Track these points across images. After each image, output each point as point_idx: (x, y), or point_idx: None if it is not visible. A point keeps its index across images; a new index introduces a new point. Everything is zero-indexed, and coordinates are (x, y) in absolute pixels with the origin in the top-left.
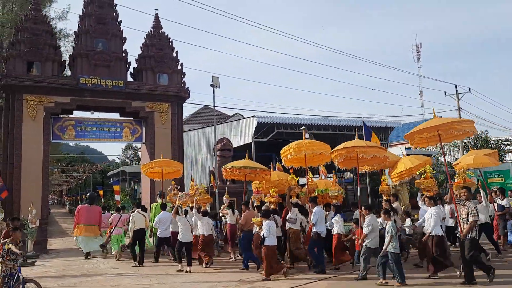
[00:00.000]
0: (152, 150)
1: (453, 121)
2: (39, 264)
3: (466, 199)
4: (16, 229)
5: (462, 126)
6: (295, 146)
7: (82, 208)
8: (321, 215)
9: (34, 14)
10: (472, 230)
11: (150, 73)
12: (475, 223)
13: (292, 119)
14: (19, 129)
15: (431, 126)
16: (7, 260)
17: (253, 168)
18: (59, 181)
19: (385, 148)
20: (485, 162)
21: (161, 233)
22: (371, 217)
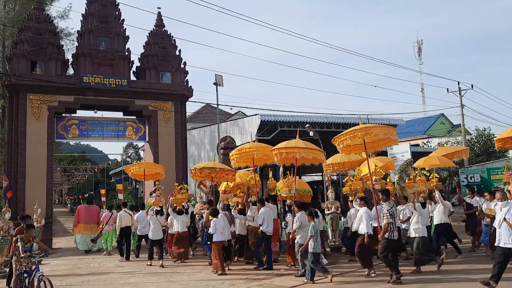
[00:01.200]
0: (156, 149)
1: (369, 126)
2: (45, 263)
3: (384, 201)
4: (30, 227)
5: (379, 131)
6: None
7: (82, 208)
8: (266, 215)
9: (37, 13)
10: (388, 231)
11: (153, 72)
12: (387, 225)
13: (296, 117)
14: (23, 129)
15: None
16: (21, 258)
17: (220, 169)
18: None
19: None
20: (434, 163)
21: (140, 230)
22: (300, 214)
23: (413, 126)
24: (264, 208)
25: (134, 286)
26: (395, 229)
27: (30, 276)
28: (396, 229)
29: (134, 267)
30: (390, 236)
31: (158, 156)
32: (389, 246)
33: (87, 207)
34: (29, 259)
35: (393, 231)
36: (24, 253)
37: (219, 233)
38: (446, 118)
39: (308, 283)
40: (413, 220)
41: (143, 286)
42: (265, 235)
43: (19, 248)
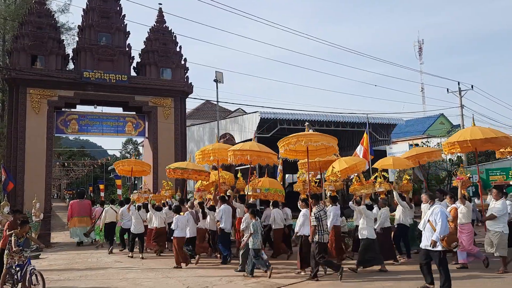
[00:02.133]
0: (155, 145)
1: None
2: (43, 257)
3: (313, 205)
4: (24, 223)
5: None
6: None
7: (74, 203)
8: (226, 212)
9: (38, 7)
10: (316, 234)
11: (153, 68)
12: (313, 228)
13: (295, 115)
14: (22, 123)
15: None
16: (13, 252)
17: (192, 170)
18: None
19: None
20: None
21: (124, 224)
22: (246, 216)
23: (413, 125)
24: (224, 206)
25: (132, 282)
26: (325, 232)
27: (22, 270)
28: (326, 232)
29: (132, 262)
30: (320, 239)
31: (157, 152)
32: (321, 248)
33: (79, 201)
34: (21, 253)
35: (323, 234)
36: (16, 247)
37: (179, 229)
38: (445, 118)
39: (304, 281)
40: (360, 222)
41: (141, 281)
42: (224, 232)
43: (12, 242)
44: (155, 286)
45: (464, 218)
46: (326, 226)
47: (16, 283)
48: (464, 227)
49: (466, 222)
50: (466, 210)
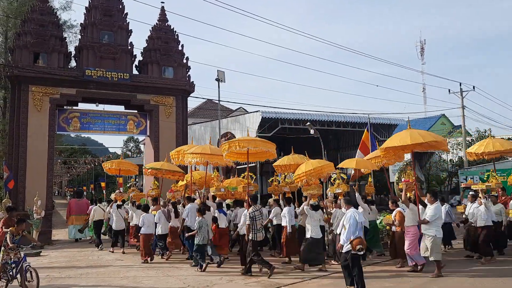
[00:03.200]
0: (157, 143)
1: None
2: (44, 255)
3: (251, 205)
4: (20, 221)
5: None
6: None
7: (72, 202)
8: (191, 211)
9: (41, 5)
10: (250, 233)
11: (155, 66)
12: (247, 227)
13: (297, 115)
14: (24, 120)
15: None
16: (8, 249)
17: (167, 170)
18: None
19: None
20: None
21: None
22: (201, 219)
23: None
24: (190, 205)
25: (133, 280)
26: (258, 231)
27: (18, 266)
28: (260, 231)
29: (133, 260)
30: (254, 237)
31: (159, 151)
32: (255, 246)
33: (77, 200)
34: (17, 250)
35: (256, 232)
36: (12, 244)
37: (146, 227)
38: (447, 118)
39: (304, 280)
40: (306, 222)
41: (142, 280)
42: (189, 229)
43: (7, 239)
44: (155, 284)
45: (409, 221)
46: (261, 226)
47: (11, 279)
48: (409, 230)
49: (411, 225)
50: (411, 213)
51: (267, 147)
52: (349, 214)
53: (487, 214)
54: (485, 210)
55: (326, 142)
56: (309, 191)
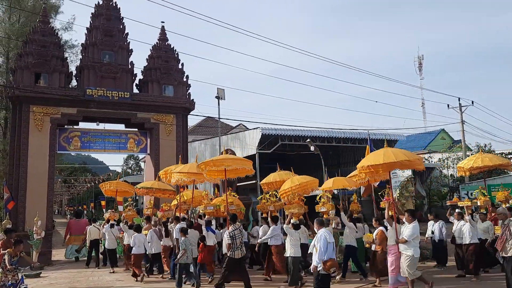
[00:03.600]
0: (157, 161)
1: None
2: (44, 276)
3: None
4: (17, 242)
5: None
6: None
7: (71, 222)
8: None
9: (42, 26)
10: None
11: (155, 85)
12: (228, 245)
13: (297, 131)
14: (25, 140)
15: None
16: (6, 271)
17: (157, 189)
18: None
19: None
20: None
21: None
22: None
23: (414, 141)
24: (179, 224)
25: None
26: (236, 249)
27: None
28: (238, 249)
29: (133, 281)
30: (231, 255)
31: (159, 169)
32: (230, 263)
33: (76, 220)
34: (15, 272)
35: (235, 250)
36: (10, 266)
37: (136, 247)
38: (446, 133)
39: None
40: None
41: None
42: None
43: (5, 260)
44: None
45: (391, 240)
46: (240, 244)
47: None
48: (391, 249)
49: (392, 244)
50: (392, 232)
51: (243, 164)
52: (319, 234)
53: (472, 232)
54: (470, 228)
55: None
56: (290, 209)
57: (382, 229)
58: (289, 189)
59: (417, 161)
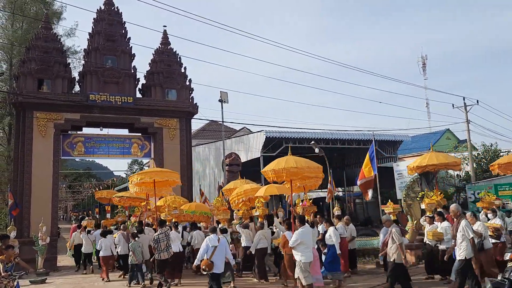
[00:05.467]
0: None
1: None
2: (49, 282)
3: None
4: (8, 248)
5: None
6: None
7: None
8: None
9: (45, 32)
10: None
11: (158, 89)
12: (154, 249)
13: (301, 134)
14: (29, 146)
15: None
16: (2, 277)
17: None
18: (66, 196)
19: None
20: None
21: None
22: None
23: (419, 141)
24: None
25: None
26: (162, 251)
27: None
28: (164, 251)
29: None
30: (158, 257)
31: None
32: (159, 265)
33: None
34: (10, 278)
35: (161, 253)
36: (5, 273)
37: (103, 250)
38: (452, 133)
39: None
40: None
41: None
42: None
43: (0, 268)
44: None
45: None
46: (165, 246)
47: None
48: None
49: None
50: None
51: (169, 176)
52: (205, 239)
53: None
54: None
55: (331, 160)
56: (218, 216)
57: (285, 234)
58: (235, 195)
59: (316, 169)
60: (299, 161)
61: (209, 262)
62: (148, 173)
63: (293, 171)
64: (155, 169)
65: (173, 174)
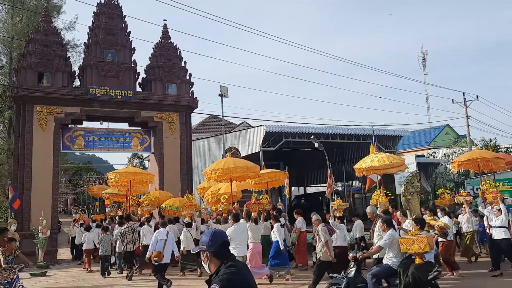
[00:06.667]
0: (161, 160)
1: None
2: (50, 275)
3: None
4: (10, 240)
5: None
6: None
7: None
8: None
9: (45, 26)
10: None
11: (158, 83)
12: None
13: (301, 128)
14: (29, 140)
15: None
16: (2, 270)
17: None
18: (66, 190)
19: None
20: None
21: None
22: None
23: (418, 136)
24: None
25: None
26: (128, 243)
27: (11, 287)
28: (130, 243)
29: (140, 280)
30: (125, 248)
31: (163, 167)
32: (125, 256)
33: None
34: (10, 270)
35: (127, 245)
36: (5, 265)
37: (86, 243)
38: (451, 128)
39: None
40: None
41: None
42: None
43: (1, 259)
44: None
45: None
46: (131, 239)
47: None
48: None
49: (249, 242)
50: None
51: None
52: (155, 232)
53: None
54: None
55: (330, 154)
56: (184, 212)
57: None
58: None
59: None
60: (237, 161)
61: (159, 254)
62: (123, 174)
63: (232, 170)
64: (131, 170)
65: (147, 175)
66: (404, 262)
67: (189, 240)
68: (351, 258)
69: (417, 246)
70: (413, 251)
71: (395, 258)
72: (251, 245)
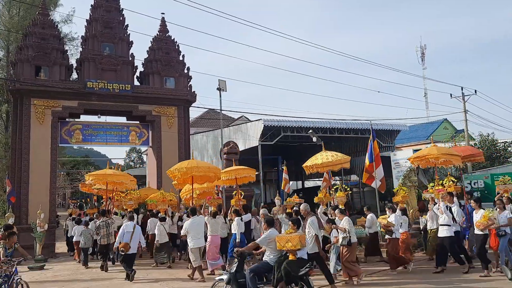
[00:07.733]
0: (159, 154)
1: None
2: (48, 268)
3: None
4: (11, 234)
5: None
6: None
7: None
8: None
9: (42, 18)
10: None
11: (156, 77)
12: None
13: (299, 122)
14: (27, 133)
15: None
16: (1, 262)
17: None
18: (64, 184)
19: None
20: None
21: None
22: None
23: (417, 131)
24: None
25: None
26: (103, 237)
27: (9, 280)
28: (105, 237)
29: (137, 273)
30: (99, 241)
31: (161, 161)
32: (100, 248)
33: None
34: (9, 263)
35: (101, 238)
36: (5, 258)
37: (77, 236)
38: (449, 123)
39: None
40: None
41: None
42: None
43: (0, 252)
44: None
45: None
46: (105, 233)
47: None
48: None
49: (210, 235)
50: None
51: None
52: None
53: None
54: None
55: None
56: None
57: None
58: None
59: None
60: (201, 163)
61: (126, 244)
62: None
63: (195, 170)
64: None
65: (126, 177)
66: (280, 258)
67: (163, 233)
68: (235, 254)
69: (290, 243)
70: (287, 248)
71: (272, 255)
72: (209, 238)
